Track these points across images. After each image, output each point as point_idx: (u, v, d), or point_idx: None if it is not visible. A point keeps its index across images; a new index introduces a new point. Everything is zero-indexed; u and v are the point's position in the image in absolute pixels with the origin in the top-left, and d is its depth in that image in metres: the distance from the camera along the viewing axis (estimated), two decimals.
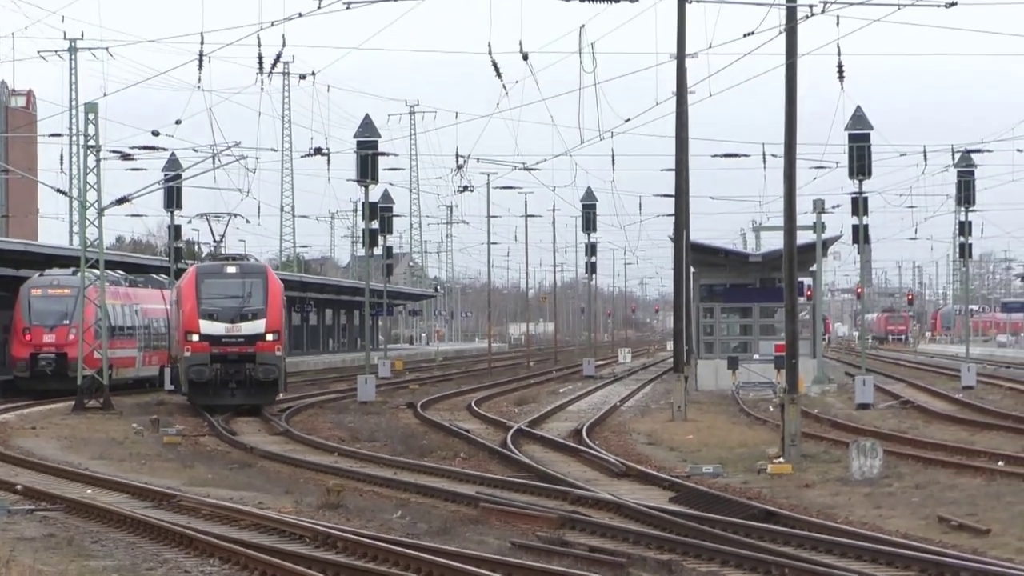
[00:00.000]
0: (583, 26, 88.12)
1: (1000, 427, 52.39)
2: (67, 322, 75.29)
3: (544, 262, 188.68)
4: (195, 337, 57.99)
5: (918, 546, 25.66)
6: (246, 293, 59.30)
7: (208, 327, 57.76)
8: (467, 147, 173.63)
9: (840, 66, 54.98)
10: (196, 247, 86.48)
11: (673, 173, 65.01)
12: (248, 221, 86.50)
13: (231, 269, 60.81)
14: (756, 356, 73.52)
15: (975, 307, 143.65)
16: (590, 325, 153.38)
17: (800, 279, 60.37)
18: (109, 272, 78.75)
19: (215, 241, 70.09)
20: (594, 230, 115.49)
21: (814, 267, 79.79)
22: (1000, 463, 39.16)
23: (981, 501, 32.30)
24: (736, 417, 57.58)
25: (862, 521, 29.87)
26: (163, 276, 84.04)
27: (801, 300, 63.86)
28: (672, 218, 68.54)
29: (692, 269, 72.24)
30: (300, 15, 55.66)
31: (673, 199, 66.16)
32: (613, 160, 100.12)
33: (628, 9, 54.09)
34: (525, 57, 57.96)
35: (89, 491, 37.35)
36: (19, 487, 37.22)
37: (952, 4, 45.23)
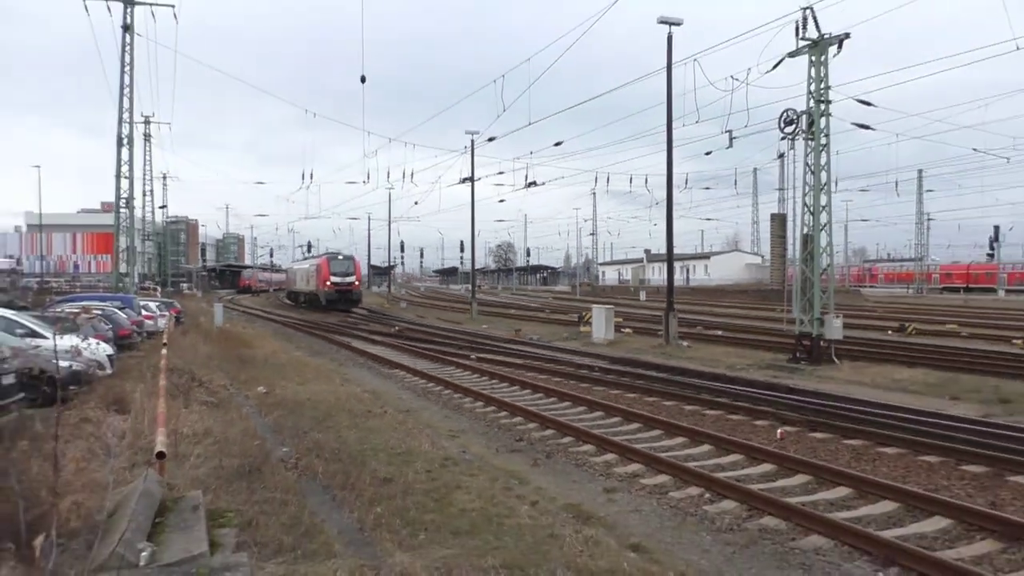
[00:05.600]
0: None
1: (437, 307, 58.15)
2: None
3: None
4: (328, 283, 57.59)
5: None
6: (347, 266, 58.71)
7: (334, 279, 57.54)
8: None
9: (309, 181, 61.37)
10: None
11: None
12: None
13: (341, 256, 59.95)
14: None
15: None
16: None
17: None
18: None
19: (308, 248, 76.74)
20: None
21: None
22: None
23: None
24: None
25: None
26: (279, 267, 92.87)
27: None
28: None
29: None
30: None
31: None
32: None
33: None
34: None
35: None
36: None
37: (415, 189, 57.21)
